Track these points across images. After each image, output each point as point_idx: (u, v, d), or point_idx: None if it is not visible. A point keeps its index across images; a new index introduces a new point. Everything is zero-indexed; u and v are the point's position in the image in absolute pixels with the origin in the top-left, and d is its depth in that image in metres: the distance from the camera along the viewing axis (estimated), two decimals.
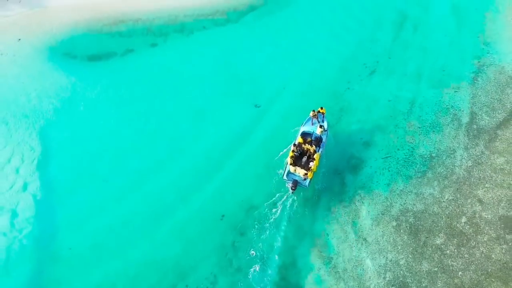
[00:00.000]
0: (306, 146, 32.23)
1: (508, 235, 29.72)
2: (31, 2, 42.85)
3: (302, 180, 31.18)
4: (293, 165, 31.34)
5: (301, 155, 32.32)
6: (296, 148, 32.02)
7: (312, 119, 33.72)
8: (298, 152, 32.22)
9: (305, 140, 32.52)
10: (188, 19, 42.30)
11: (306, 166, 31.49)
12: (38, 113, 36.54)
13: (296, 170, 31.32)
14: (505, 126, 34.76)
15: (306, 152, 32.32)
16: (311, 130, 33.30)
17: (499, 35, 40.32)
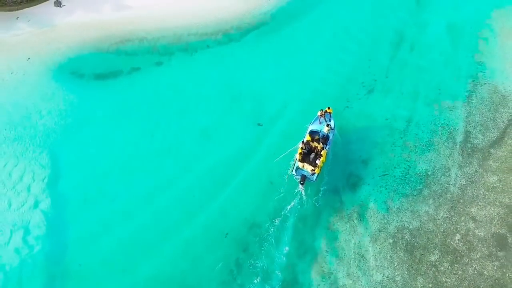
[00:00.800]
0: (314, 144, 34.12)
1: (500, 252, 30.99)
2: (39, 21, 44.01)
3: (309, 175, 33.18)
4: (302, 161, 33.33)
5: (309, 152, 34.16)
6: (304, 146, 33.89)
7: (320, 118, 35.65)
8: (306, 149, 34.09)
9: (313, 138, 34.51)
10: (192, 38, 43.41)
11: (314, 162, 33.35)
12: (48, 132, 37.77)
13: (304, 166, 33.35)
14: (498, 145, 36.00)
15: (314, 149, 34.18)
16: (319, 128, 35.29)
17: (492, 55, 41.52)
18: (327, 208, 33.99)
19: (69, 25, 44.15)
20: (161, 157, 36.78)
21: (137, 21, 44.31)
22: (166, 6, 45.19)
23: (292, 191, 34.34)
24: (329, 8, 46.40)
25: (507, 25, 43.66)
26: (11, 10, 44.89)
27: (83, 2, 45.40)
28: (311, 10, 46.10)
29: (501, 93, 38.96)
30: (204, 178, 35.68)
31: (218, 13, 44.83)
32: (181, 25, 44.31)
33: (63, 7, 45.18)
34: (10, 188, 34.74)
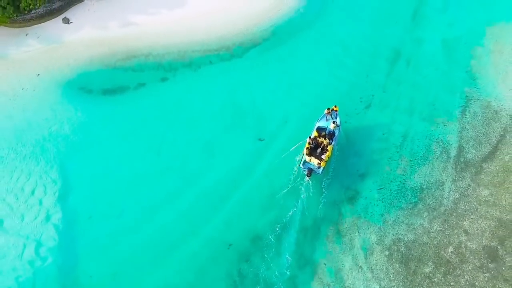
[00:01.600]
0: (320, 139, 36.46)
1: (491, 264, 32.41)
2: (48, 38, 45.38)
3: (316, 168, 35.44)
4: (309, 155, 35.50)
5: (316, 147, 36.44)
6: (312, 141, 36.20)
7: (326, 116, 37.90)
8: (314, 144, 36.40)
9: (320, 134, 36.86)
10: (196, 55, 44.78)
11: (320, 156, 35.53)
12: (58, 146, 39.19)
13: (311, 160, 35.59)
14: (490, 160, 37.39)
15: (321, 145, 36.50)
16: (325, 125, 37.53)
17: (486, 70, 42.87)
18: (326, 220, 35.37)
19: (77, 41, 45.46)
20: (167, 171, 38.15)
21: (143, 38, 45.59)
22: (171, 23, 46.46)
23: (292, 204, 35.63)
24: (328, 25, 47.64)
25: (499, 41, 44.90)
26: (20, 27, 46.21)
27: (90, 19, 46.65)
28: (310, 27, 47.39)
29: (494, 108, 40.28)
30: (208, 191, 37.06)
31: (221, 30, 46.15)
32: (185, 41, 45.59)
33: (71, 24, 46.47)
34: (23, 202, 36.14)
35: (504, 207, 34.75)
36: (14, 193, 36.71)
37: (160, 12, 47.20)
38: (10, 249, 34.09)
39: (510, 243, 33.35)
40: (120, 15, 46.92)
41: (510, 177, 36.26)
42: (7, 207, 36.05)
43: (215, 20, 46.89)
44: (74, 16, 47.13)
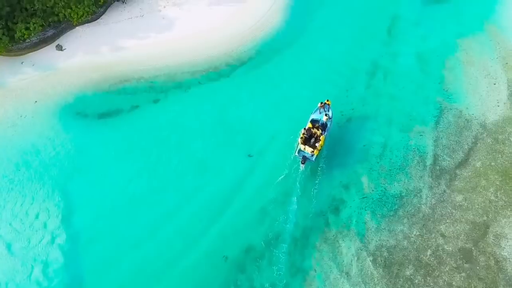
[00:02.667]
0: (314, 130, 39.74)
1: (466, 264, 35.17)
2: (43, 65, 47.25)
3: (310, 156, 39.12)
4: (303, 144, 38.95)
5: (310, 137, 39.64)
6: (306, 132, 39.36)
7: (320, 109, 41.32)
8: (308, 134, 39.53)
9: (313, 125, 40.22)
10: (185, 76, 46.94)
11: (314, 145, 38.95)
12: (58, 171, 41.17)
13: (305, 148, 38.99)
14: (463, 166, 40.17)
15: (314, 135, 39.66)
16: (319, 117, 40.96)
17: (457, 81, 45.62)
18: (314, 230, 37.87)
19: (71, 67, 47.33)
20: (164, 190, 40.27)
21: (134, 62, 47.63)
22: (160, 46, 48.46)
23: (282, 215, 38.17)
24: (310, 42, 49.94)
25: (469, 53, 47.72)
26: (16, 56, 47.93)
27: (82, 45, 48.56)
28: (293, 45, 49.65)
29: (466, 117, 43.05)
30: (203, 207, 39.33)
31: (208, 51, 48.30)
32: (175, 63, 47.69)
33: (64, 51, 48.33)
34: (28, 226, 38.15)
35: (477, 211, 37.52)
36: (19, 217, 38.63)
37: (149, 36, 49.15)
38: (19, 272, 36.03)
39: (483, 244, 36.07)
40: (111, 40, 48.81)
41: (482, 182, 38.99)
42: (13, 231, 37.97)
43: (202, 41, 48.96)
44: (67, 43, 48.95)
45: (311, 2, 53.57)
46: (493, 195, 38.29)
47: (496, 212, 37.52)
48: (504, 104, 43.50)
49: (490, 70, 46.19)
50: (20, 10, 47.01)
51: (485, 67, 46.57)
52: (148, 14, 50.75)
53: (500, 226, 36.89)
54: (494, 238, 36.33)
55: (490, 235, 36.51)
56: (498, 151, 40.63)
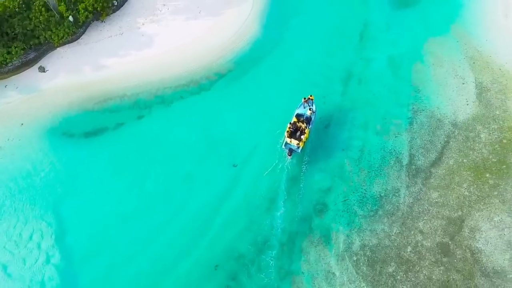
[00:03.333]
0: (299, 124, 42.51)
1: (444, 258, 37.17)
2: (27, 87, 48.10)
3: (296, 148, 41.76)
4: (289, 138, 41.92)
5: (295, 130, 42.40)
6: (291, 126, 42.35)
7: (304, 104, 43.80)
8: (293, 128, 42.35)
9: (298, 119, 43.11)
10: (167, 91, 48.16)
11: (299, 138, 41.68)
12: (48, 191, 42.22)
13: (291, 141, 41.85)
14: (437, 164, 42.19)
15: (299, 128, 42.36)
16: (303, 112, 43.94)
17: (428, 83, 47.58)
18: (299, 234, 39.53)
19: (55, 88, 48.27)
20: (153, 204, 41.55)
21: (116, 79, 48.72)
22: (141, 63, 49.61)
23: (269, 222, 39.77)
24: (286, 52, 51.42)
25: (437, 54, 49.79)
26: None
27: (64, 66, 49.51)
28: (270, 56, 51.08)
29: (437, 117, 45.10)
30: (193, 218, 40.76)
31: (188, 66, 49.60)
32: (156, 79, 48.89)
33: (47, 72, 49.24)
34: (23, 247, 39.18)
35: (452, 206, 39.58)
36: (13, 239, 39.64)
37: (130, 53, 50.28)
38: None
39: (459, 238, 38.13)
40: (93, 59, 49.83)
41: (455, 179, 41.08)
42: (9, 254, 38.97)
43: (182, 56, 50.26)
44: (49, 64, 49.84)
45: (284, 12, 55.03)
46: (466, 190, 40.33)
47: (470, 206, 39.56)
48: (473, 103, 45.62)
49: (459, 71, 48.24)
50: (0, 35, 47.61)
51: (454, 67, 48.61)
52: (128, 32, 51.83)
53: (474, 219, 38.92)
54: (469, 232, 38.35)
55: (465, 229, 38.53)
56: (469, 148, 42.70)
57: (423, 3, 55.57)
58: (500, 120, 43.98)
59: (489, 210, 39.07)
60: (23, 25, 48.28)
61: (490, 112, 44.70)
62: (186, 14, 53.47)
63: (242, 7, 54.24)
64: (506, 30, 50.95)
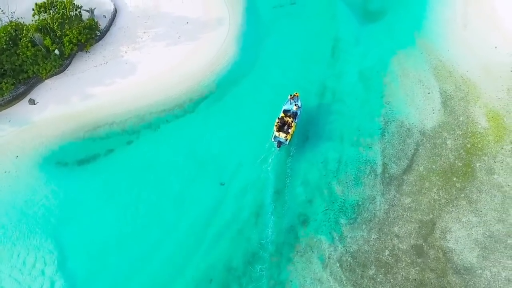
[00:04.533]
0: (286, 119, 46.84)
1: (419, 259, 40.32)
2: (19, 120, 49.91)
3: (284, 140, 46.25)
4: (278, 131, 46.04)
5: (283, 124, 46.87)
6: (279, 120, 46.64)
7: (290, 100, 48.45)
8: (281, 122, 46.78)
9: (286, 114, 47.40)
10: (154, 116, 50.35)
11: (287, 131, 46.12)
12: (47, 220, 44.26)
13: (280, 134, 46.12)
14: (408, 172, 45.32)
15: (287, 122, 46.76)
16: (290, 108, 48.26)
17: (396, 94, 50.60)
18: (286, 245, 42.40)
19: (46, 120, 50.12)
20: (147, 225, 43.95)
21: (104, 108, 50.74)
22: (126, 90, 51.65)
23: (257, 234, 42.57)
24: (263, 70, 53.79)
25: (404, 66, 52.88)
26: None
27: (53, 97, 51.38)
28: (248, 75, 53.36)
29: (406, 126, 48.22)
30: (186, 236, 43.29)
31: (172, 90, 51.86)
32: (142, 105, 51.04)
33: (37, 104, 51.08)
34: (27, 275, 41.30)
35: (424, 210, 42.76)
36: (18, 268, 41.71)
37: (115, 82, 52.38)
38: None
39: (432, 239, 41.32)
40: (80, 89, 51.83)
41: (426, 184, 44.26)
42: (14, 282, 41.06)
43: (165, 81, 52.46)
44: (38, 96, 51.71)
45: (259, 33, 57.52)
46: (436, 194, 43.55)
47: (440, 209, 42.79)
48: (438, 111, 48.86)
49: (424, 80, 51.44)
50: None
51: (419, 78, 51.81)
52: (112, 61, 53.91)
53: (445, 221, 42.16)
54: (441, 233, 41.59)
55: (437, 231, 41.75)
56: (437, 154, 45.92)
57: (389, 17, 58.52)
58: (463, 126, 47.22)
59: (457, 211, 42.25)
60: (11, 61, 49.96)
61: (454, 119, 47.88)
62: (166, 40, 55.60)
63: (219, 31, 56.61)
64: (465, 39, 54.23)
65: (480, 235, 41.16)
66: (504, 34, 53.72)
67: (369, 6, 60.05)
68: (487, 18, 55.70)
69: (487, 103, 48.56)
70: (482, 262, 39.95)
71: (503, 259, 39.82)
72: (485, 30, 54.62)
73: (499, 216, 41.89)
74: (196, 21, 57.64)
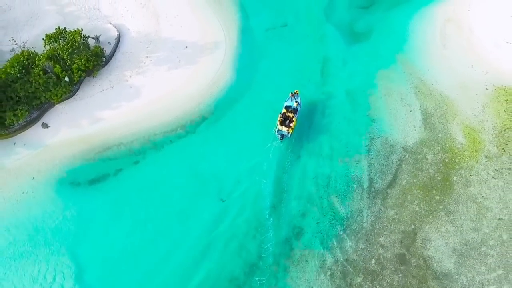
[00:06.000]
0: (288, 114, 52.23)
1: (402, 266, 44.11)
2: (33, 143, 53.19)
3: (286, 133, 51.20)
4: (281, 125, 51.18)
5: (285, 119, 52.08)
6: (282, 115, 52.03)
7: (291, 97, 53.60)
8: (283, 117, 52.12)
9: (287, 110, 53.00)
10: (158, 137, 53.72)
11: (288, 125, 51.18)
12: (64, 236, 47.63)
13: (282, 128, 51.23)
14: (392, 186, 49.03)
15: (288, 117, 52.04)
16: (291, 104, 53.62)
17: (381, 112, 54.19)
18: (282, 256, 46.06)
19: (58, 143, 53.39)
20: (155, 239, 47.44)
21: (112, 130, 54.02)
22: (132, 113, 54.96)
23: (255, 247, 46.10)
24: (257, 91, 56.90)
25: (387, 85, 56.43)
26: (7, 138, 53.68)
27: (65, 121, 54.66)
28: (244, 96, 56.61)
29: (390, 143, 51.90)
30: (190, 249, 46.82)
31: (174, 113, 55.18)
32: (147, 127, 54.36)
33: (50, 128, 54.36)
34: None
35: (406, 222, 46.52)
36: (39, 282, 45.23)
37: (121, 105, 55.69)
38: None
39: (413, 248, 45.11)
40: (89, 113, 55.13)
41: (408, 197, 48.02)
42: None
43: (168, 104, 55.80)
44: (50, 120, 55.00)
45: (253, 55, 60.69)
46: (417, 206, 47.32)
47: (421, 220, 46.59)
48: (419, 128, 52.59)
49: (406, 99, 55.14)
50: (6, 99, 52.65)
51: (402, 96, 55.46)
52: (117, 85, 57.25)
53: (425, 231, 45.96)
54: (421, 242, 45.38)
55: (418, 240, 45.54)
56: (418, 169, 49.68)
57: (373, 37, 61.99)
58: (442, 142, 50.99)
59: (437, 222, 46.07)
60: (25, 88, 53.15)
61: (434, 136, 51.64)
62: (167, 64, 58.92)
63: (216, 54, 59.95)
64: (444, 59, 58.01)
65: (457, 244, 44.92)
66: (479, 54, 57.44)
67: (355, 27, 63.28)
68: (465, 39, 59.46)
69: (464, 120, 52.26)
70: (458, 268, 43.71)
71: (477, 265, 43.66)
72: (463, 50, 58.38)
73: (474, 225, 45.67)
74: (194, 44, 60.84)
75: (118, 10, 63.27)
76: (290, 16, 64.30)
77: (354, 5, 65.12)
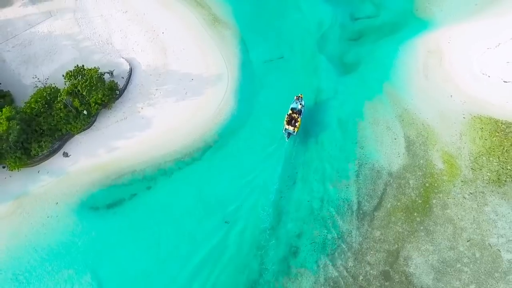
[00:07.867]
0: (293, 115, 58.70)
1: (386, 282, 48.85)
2: (56, 171, 57.99)
3: (292, 132, 57.78)
4: (287, 125, 57.82)
5: (291, 120, 58.70)
6: (288, 116, 58.49)
7: (296, 100, 60.14)
8: (290, 118, 58.65)
9: (293, 111, 59.25)
10: (168, 164, 58.45)
11: (294, 125, 57.76)
12: (85, 257, 52.35)
13: (289, 127, 57.74)
14: (378, 208, 53.76)
15: (294, 118, 58.40)
16: (296, 106, 60.07)
17: (368, 139, 58.86)
18: (280, 272, 50.74)
19: (78, 171, 58.19)
20: (168, 259, 52.15)
21: (126, 158, 58.72)
22: (145, 142, 59.63)
23: (256, 265, 50.83)
24: (257, 120, 61.48)
25: (374, 114, 61.04)
26: (32, 166, 58.52)
27: (83, 150, 59.42)
28: (245, 124, 60.96)
29: (377, 169, 56.64)
30: (198, 267, 51.51)
31: (183, 141, 59.80)
32: (158, 155, 59.03)
33: (70, 157, 59.15)
34: None
35: (390, 242, 51.24)
36: None
37: (134, 135, 60.44)
38: None
39: (397, 266, 49.84)
40: (105, 143, 59.87)
41: (392, 219, 52.74)
42: None
43: (176, 134, 60.45)
44: (71, 150, 59.77)
45: (253, 86, 65.21)
46: (400, 227, 52.06)
47: (403, 240, 51.32)
48: (403, 155, 57.33)
49: (391, 127, 59.81)
50: (31, 132, 57.43)
51: (387, 125, 60.13)
52: (130, 116, 61.98)
53: (407, 250, 50.70)
54: (404, 260, 50.14)
55: (401, 258, 50.29)
56: (401, 193, 54.41)
57: (362, 69, 66.54)
58: (423, 168, 55.71)
59: (417, 241, 50.80)
60: (48, 122, 57.85)
61: (416, 162, 56.35)
62: (175, 96, 63.61)
63: (219, 86, 64.62)
64: (426, 89, 62.65)
65: (435, 261, 49.65)
66: (458, 84, 62.15)
67: (346, 59, 67.89)
68: (445, 70, 64.04)
69: (443, 147, 56.98)
70: (436, 283, 48.47)
71: (453, 281, 48.43)
72: (443, 81, 63.04)
73: (450, 244, 50.42)
74: (199, 77, 65.54)
75: (129, 45, 67.81)
76: (286, 48, 68.70)
77: (344, 37, 69.57)
